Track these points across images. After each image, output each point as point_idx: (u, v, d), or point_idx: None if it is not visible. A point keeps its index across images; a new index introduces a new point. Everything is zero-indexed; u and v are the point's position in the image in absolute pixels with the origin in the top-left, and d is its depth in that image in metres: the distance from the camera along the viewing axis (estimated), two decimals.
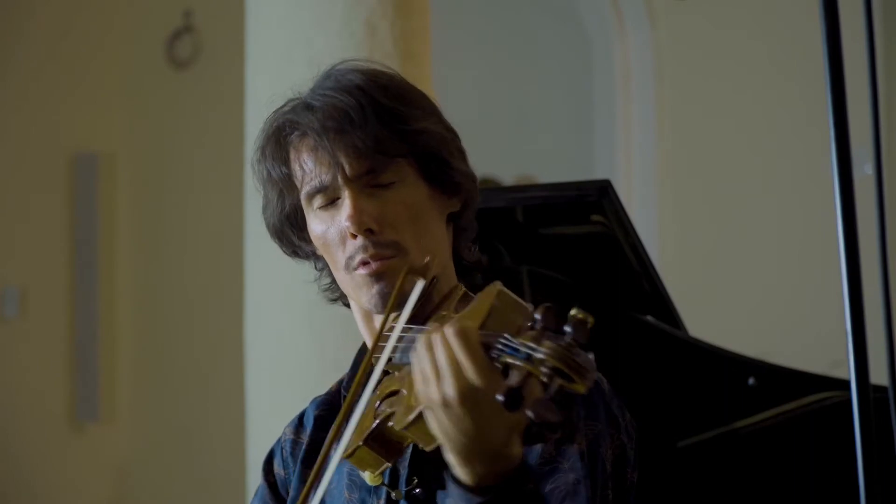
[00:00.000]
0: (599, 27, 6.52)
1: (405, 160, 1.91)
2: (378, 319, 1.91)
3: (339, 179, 1.88)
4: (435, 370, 1.64)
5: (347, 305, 2.02)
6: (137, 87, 6.29)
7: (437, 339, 1.65)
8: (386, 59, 3.86)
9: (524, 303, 1.70)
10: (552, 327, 1.58)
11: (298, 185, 1.92)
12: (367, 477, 1.86)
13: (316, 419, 2.04)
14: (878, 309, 1.40)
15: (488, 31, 7.16)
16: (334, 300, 2.04)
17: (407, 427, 1.70)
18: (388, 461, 1.79)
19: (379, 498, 1.88)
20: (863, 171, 5.18)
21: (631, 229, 2.73)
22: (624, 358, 2.90)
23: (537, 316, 1.60)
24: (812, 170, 6.15)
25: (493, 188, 5.45)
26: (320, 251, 1.96)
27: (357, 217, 1.87)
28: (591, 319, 1.57)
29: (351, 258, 1.89)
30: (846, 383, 1.29)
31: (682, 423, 2.95)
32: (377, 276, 1.88)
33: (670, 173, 6.38)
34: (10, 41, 5.94)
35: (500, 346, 1.61)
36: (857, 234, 1.30)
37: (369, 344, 1.94)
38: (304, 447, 2.02)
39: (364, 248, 1.88)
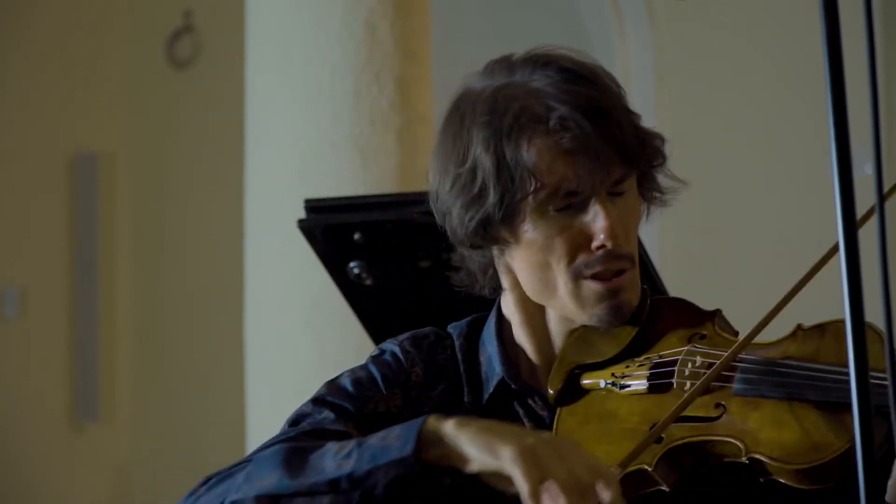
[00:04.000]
0: (599, 27, 6.52)
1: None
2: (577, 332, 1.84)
3: (591, 186, 1.77)
4: None
5: (492, 295, 1.90)
6: (137, 87, 6.29)
7: None
8: (386, 59, 3.86)
9: None
10: None
11: (529, 184, 1.76)
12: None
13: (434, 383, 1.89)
14: (878, 309, 1.40)
15: (488, 31, 7.15)
16: (479, 289, 1.90)
17: (797, 472, 1.63)
18: (664, 485, 1.70)
19: None
20: (863, 171, 5.18)
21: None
22: None
23: None
24: (812, 170, 6.15)
25: None
26: (524, 251, 1.82)
27: (614, 231, 1.77)
28: None
29: (585, 267, 1.79)
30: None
31: None
32: (613, 292, 1.80)
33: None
34: (10, 41, 5.94)
35: None
36: (857, 234, 1.30)
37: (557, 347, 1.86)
38: (427, 410, 1.82)
39: (604, 261, 1.78)
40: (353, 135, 3.84)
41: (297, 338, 3.86)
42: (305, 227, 2.92)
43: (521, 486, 1.59)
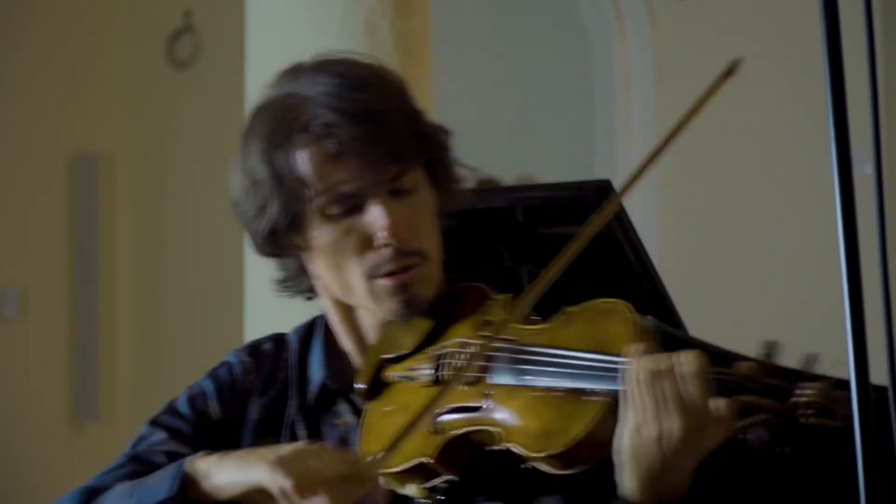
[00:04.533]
0: (599, 27, 6.52)
1: (417, 164, 1.87)
2: (375, 327, 1.91)
3: (365, 187, 1.82)
4: (656, 404, 1.63)
5: (309, 298, 1.98)
6: (137, 87, 6.29)
7: (661, 372, 1.64)
8: (386, 58, 3.85)
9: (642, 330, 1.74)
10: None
11: (309, 189, 1.83)
12: (414, 490, 1.80)
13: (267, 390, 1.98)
14: (878, 309, 1.40)
15: (488, 31, 7.15)
16: (296, 294, 1.99)
17: (550, 457, 1.68)
18: (450, 475, 1.77)
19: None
20: (863, 171, 5.18)
21: (631, 229, 2.72)
22: None
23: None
24: (812, 170, 6.15)
25: (493, 188, 5.45)
26: (319, 255, 1.88)
27: (394, 229, 1.82)
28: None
29: (375, 267, 1.85)
30: (846, 383, 1.29)
31: None
32: (403, 287, 1.85)
33: (670, 173, 6.38)
34: (10, 41, 5.94)
35: (728, 381, 1.64)
36: (857, 234, 1.30)
37: (352, 347, 1.93)
38: (254, 417, 1.95)
39: (392, 259, 1.84)
40: None
41: None
42: None
43: (280, 487, 1.68)
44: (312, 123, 1.83)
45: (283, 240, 1.89)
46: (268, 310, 3.97)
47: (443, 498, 1.80)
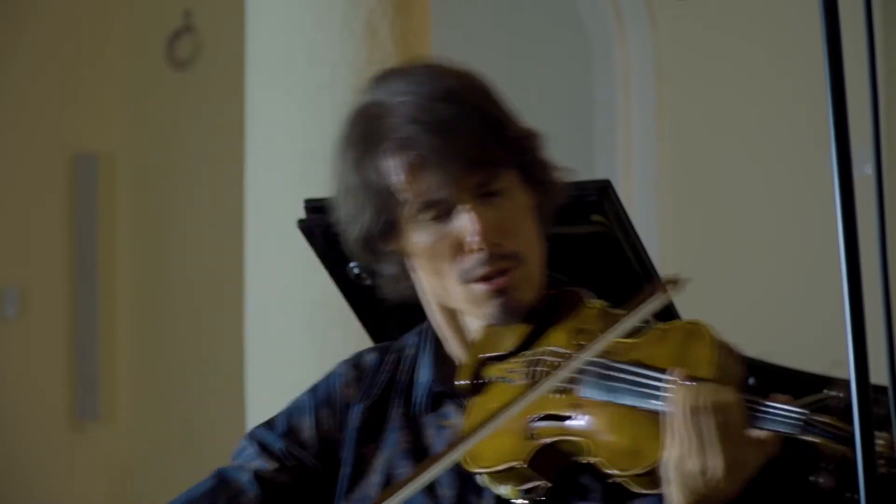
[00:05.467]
0: (599, 27, 6.52)
1: (508, 167, 1.88)
2: (474, 331, 1.92)
3: (453, 194, 1.83)
4: (699, 440, 1.65)
5: (416, 302, 1.98)
6: (137, 87, 6.29)
7: (700, 407, 1.65)
8: (386, 59, 3.86)
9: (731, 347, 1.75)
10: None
11: (399, 196, 1.85)
12: (509, 492, 1.81)
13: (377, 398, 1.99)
14: (878, 309, 1.40)
15: (488, 32, 7.15)
16: (395, 298, 1.99)
17: (634, 476, 1.69)
18: (542, 480, 1.78)
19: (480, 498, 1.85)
20: (863, 171, 5.18)
21: (631, 229, 2.72)
22: None
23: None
24: (812, 170, 6.15)
25: None
26: (418, 259, 1.90)
27: (483, 233, 1.83)
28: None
29: (468, 271, 1.86)
30: (846, 383, 1.29)
31: None
32: (499, 292, 1.86)
33: (670, 173, 6.38)
34: (10, 41, 5.94)
35: (768, 415, 1.66)
36: (857, 234, 1.30)
37: (458, 348, 1.94)
38: (355, 425, 1.97)
39: (484, 262, 1.85)
40: None
41: (298, 338, 3.86)
42: (305, 227, 2.92)
43: None
44: (397, 134, 1.85)
45: (378, 245, 1.91)
46: (268, 309, 3.97)
47: (543, 499, 1.80)
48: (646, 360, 1.77)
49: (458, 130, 1.83)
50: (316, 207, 2.95)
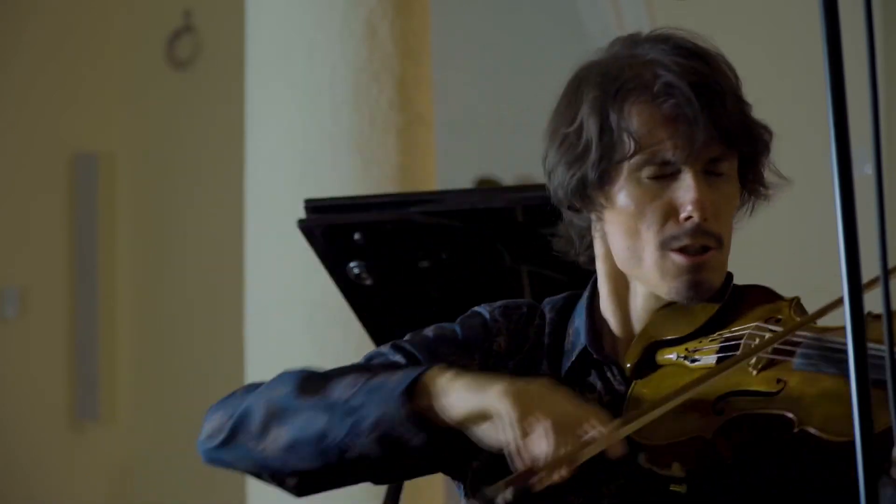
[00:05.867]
0: (599, 27, 6.51)
1: (736, 153, 1.87)
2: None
3: (687, 158, 1.81)
4: None
5: (591, 268, 1.94)
6: (137, 87, 6.29)
7: None
8: (386, 59, 3.86)
9: None
10: None
11: (627, 148, 1.82)
12: (678, 469, 1.75)
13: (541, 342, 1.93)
14: (877, 309, 1.40)
15: (488, 31, 7.15)
16: (573, 257, 1.95)
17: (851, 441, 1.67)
18: (722, 455, 1.73)
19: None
20: (863, 171, 5.18)
21: None
22: None
23: None
24: (812, 170, 6.15)
25: (493, 188, 5.44)
26: (618, 215, 1.86)
27: (702, 203, 1.81)
28: None
29: (672, 238, 1.83)
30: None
31: None
32: (696, 268, 1.84)
33: None
34: (10, 41, 5.94)
35: None
36: (857, 234, 1.30)
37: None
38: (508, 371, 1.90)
39: (691, 234, 1.82)
40: (353, 135, 3.84)
41: (298, 338, 3.86)
42: (305, 227, 2.92)
43: (508, 414, 1.66)
44: (654, 83, 1.82)
45: (588, 192, 1.86)
46: (268, 310, 3.97)
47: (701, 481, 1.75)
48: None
49: (717, 94, 1.82)
50: (316, 207, 2.95)
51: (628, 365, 1.84)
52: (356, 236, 2.89)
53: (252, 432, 1.88)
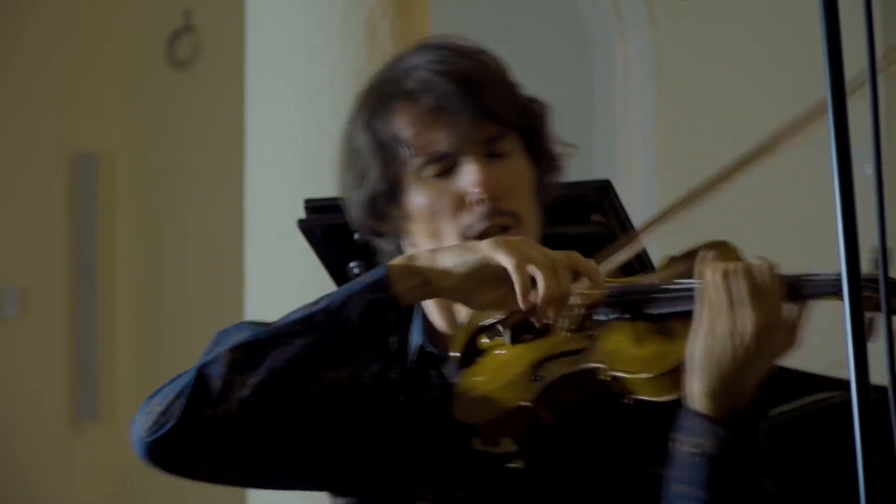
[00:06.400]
0: (599, 27, 6.52)
1: (515, 132, 1.90)
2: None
3: (460, 146, 1.84)
4: (730, 299, 1.66)
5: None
6: (137, 87, 6.29)
7: (736, 270, 1.68)
8: (386, 58, 3.86)
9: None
10: None
11: (403, 153, 1.86)
12: (507, 444, 1.79)
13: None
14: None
15: (488, 31, 7.16)
16: None
17: (659, 377, 1.70)
18: (548, 421, 1.77)
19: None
20: (863, 171, 5.17)
21: (631, 229, 2.72)
22: None
23: None
24: (812, 170, 6.15)
25: None
26: (416, 223, 1.89)
27: (486, 184, 1.84)
28: None
29: (469, 227, 1.85)
30: (846, 383, 1.29)
31: None
32: None
33: (670, 173, 6.38)
34: (10, 41, 5.94)
35: (806, 282, 1.69)
36: (857, 234, 1.30)
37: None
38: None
39: (485, 216, 1.85)
40: None
41: None
42: (305, 227, 2.92)
43: (506, 261, 1.70)
44: (412, 84, 1.86)
45: (382, 209, 1.90)
46: (268, 310, 3.97)
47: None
48: (669, 279, 1.81)
49: (474, 81, 1.85)
50: (316, 207, 2.95)
51: (455, 354, 1.88)
52: (356, 236, 2.89)
53: (213, 395, 1.92)
